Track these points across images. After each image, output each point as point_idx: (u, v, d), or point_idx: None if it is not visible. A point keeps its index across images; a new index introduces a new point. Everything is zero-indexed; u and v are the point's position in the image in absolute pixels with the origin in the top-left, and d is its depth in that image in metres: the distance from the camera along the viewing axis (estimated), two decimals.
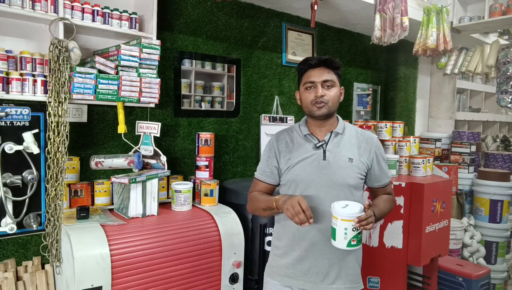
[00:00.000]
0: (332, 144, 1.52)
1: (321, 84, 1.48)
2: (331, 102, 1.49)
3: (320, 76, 1.49)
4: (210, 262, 1.96)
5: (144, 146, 2.19)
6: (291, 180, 1.52)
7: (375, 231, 2.26)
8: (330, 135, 1.53)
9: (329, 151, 1.50)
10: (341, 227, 1.31)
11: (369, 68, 3.81)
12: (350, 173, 1.49)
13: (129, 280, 1.72)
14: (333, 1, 2.77)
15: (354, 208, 1.34)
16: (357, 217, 1.30)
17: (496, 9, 3.24)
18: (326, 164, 1.48)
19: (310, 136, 1.54)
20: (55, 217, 1.80)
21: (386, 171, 1.61)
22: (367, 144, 1.55)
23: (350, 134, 1.56)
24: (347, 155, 1.50)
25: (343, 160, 1.49)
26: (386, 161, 1.64)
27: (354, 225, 1.30)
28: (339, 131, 1.54)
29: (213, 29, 2.66)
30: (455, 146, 3.82)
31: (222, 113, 2.75)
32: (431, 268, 2.48)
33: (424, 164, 2.45)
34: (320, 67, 1.50)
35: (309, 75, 1.51)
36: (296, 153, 1.53)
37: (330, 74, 1.50)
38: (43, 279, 1.90)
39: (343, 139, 1.53)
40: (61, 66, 1.78)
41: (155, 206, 2.04)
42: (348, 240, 1.31)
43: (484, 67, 3.57)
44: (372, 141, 1.57)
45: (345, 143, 1.53)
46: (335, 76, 1.52)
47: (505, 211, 3.42)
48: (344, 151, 1.51)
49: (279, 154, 1.56)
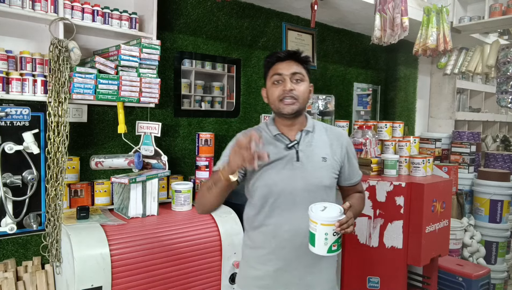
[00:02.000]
0: (304, 144, 1.43)
1: (290, 77, 1.39)
2: (301, 97, 1.40)
3: (288, 68, 1.39)
4: (210, 262, 1.96)
5: (144, 146, 2.19)
6: (263, 185, 1.39)
7: (375, 231, 2.26)
8: (301, 134, 1.44)
9: (302, 151, 1.41)
10: (321, 232, 1.20)
11: (369, 68, 3.81)
12: (325, 173, 1.41)
13: (129, 280, 1.72)
14: (333, 1, 2.77)
15: (333, 211, 1.23)
16: (338, 220, 1.19)
17: (496, 9, 3.24)
18: (300, 165, 1.39)
19: (281, 136, 1.44)
20: (55, 217, 1.80)
21: (357, 169, 1.54)
22: (338, 141, 1.48)
23: (320, 132, 1.48)
24: (320, 154, 1.42)
25: (317, 160, 1.41)
26: (356, 158, 1.56)
27: (335, 229, 1.19)
28: (310, 129, 1.46)
29: (213, 29, 2.66)
30: (455, 146, 3.82)
31: (222, 113, 2.75)
32: (431, 268, 2.48)
33: (424, 164, 2.45)
34: (288, 60, 1.41)
35: (276, 68, 1.41)
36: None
37: (299, 68, 1.41)
38: (43, 279, 1.90)
39: (314, 138, 1.45)
40: (61, 66, 1.78)
41: (155, 206, 2.04)
42: (328, 245, 1.20)
43: (484, 67, 3.57)
44: (343, 137, 1.50)
45: (317, 142, 1.45)
46: (304, 70, 1.42)
47: (505, 211, 3.42)
48: (317, 150, 1.43)
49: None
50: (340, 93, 3.57)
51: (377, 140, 2.56)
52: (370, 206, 2.27)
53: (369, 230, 2.26)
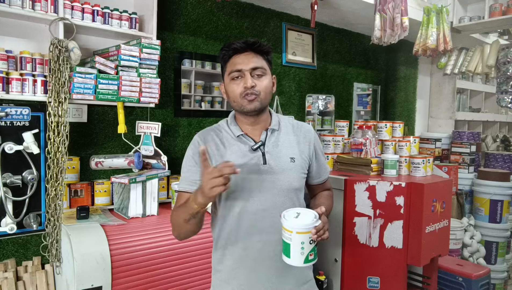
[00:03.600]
0: (271, 144, 1.31)
1: (250, 72, 1.26)
2: (264, 93, 1.27)
3: (247, 63, 1.25)
4: (210, 262, 1.96)
5: (144, 146, 2.19)
6: (228, 192, 1.24)
7: (375, 231, 2.26)
8: (266, 133, 1.32)
9: (269, 153, 1.29)
10: (297, 241, 1.09)
11: (369, 68, 3.81)
12: (294, 175, 1.30)
13: (129, 280, 1.72)
14: (333, 1, 2.77)
15: (308, 217, 1.13)
16: (314, 227, 1.09)
17: (496, 9, 3.24)
18: (268, 169, 1.27)
19: (245, 136, 1.31)
20: (55, 217, 1.80)
21: (325, 166, 1.45)
22: (305, 138, 1.37)
23: (286, 129, 1.36)
24: (288, 155, 1.31)
25: (285, 161, 1.29)
26: (324, 154, 1.46)
27: (311, 237, 1.09)
28: (275, 127, 1.34)
29: (213, 29, 2.66)
30: (455, 146, 3.82)
31: (222, 113, 2.74)
32: (431, 268, 2.48)
33: (424, 164, 2.45)
34: (246, 52, 1.27)
35: (234, 62, 1.27)
36: (230, 158, 1.26)
37: (259, 60, 1.27)
38: (43, 279, 1.90)
39: (281, 136, 1.33)
40: (61, 66, 1.78)
41: (155, 206, 2.04)
42: (305, 255, 1.10)
43: (484, 67, 3.58)
44: (310, 133, 1.39)
45: (284, 141, 1.33)
46: (265, 62, 1.30)
47: (505, 211, 3.42)
48: (285, 151, 1.31)
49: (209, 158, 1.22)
50: (340, 93, 3.57)
51: (377, 140, 2.56)
52: (370, 206, 2.27)
53: (369, 230, 2.26)
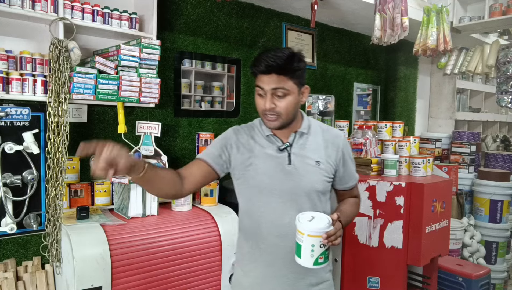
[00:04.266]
0: (297, 146, 1.36)
1: (271, 93, 1.27)
2: (285, 113, 1.29)
3: (269, 83, 1.26)
4: (210, 262, 1.96)
5: (144, 146, 2.19)
6: (252, 187, 1.34)
7: (375, 231, 2.26)
8: (294, 136, 1.37)
9: (294, 155, 1.34)
10: (308, 244, 1.15)
11: (369, 68, 3.81)
12: (318, 177, 1.34)
13: (129, 280, 1.72)
14: (333, 1, 2.77)
15: (321, 221, 1.18)
16: (326, 232, 1.14)
17: (496, 9, 3.24)
18: (292, 169, 1.33)
19: (273, 137, 1.37)
20: (55, 217, 1.80)
21: (353, 173, 1.47)
22: (333, 144, 1.40)
23: (316, 133, 1.40)
24: (314, 158, 1.35)
25: (309, 163, 1.34)
26: (354, 161, 1.49)
27: (322, 241, 1.14)
28: (304, 130, 1.38)
29: (213, 29, 2.66)
30: (455, 146, 3.82)
31: (222, 113, 2.75)
32: (431, 268, 2.48)
33: (424, 164, 2.45)
34: (270, 74, 1.26)
35: (260, 79, 1.29)
36: (258, 154, 1.35)
37: (282, 81, 1.26)
38: (43, 279, 1.90)
39: (309, 140, 1.38)
40: (61, 66, 1.78)
41: (155, 206, 2.04)
42: (315, 258, 1.16)
43: (484, 67, 3.58)
44: (339, 139, 1.42)
45: (311, 144, 1.37)
46: (291, 81, 1.27)
47: (505, 211, 3.42)
48: (311, 154, 1.36)
49: (236, 147, 1.37)
50: (340, 93, 3.57)
51: (377, 140, 2.56)
52: (370, 206, 2.27)
53: (369, 230, 2.26)
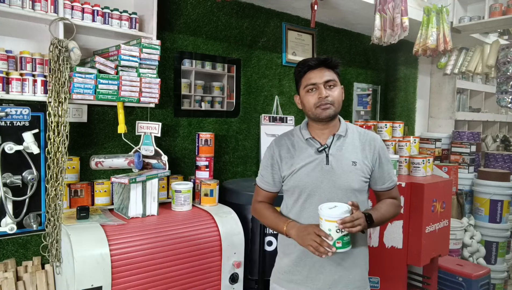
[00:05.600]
0: (335, 148, 1.47)
1: (324, 84, 1.43)
2: (336, 102, 1.45)
3: (321, 76, 1.44)
4: (210, 262, 1.96)
5: (144, 146, 2.19)
6: (294, 186, 1.48)
7: (375, 231, 2.26)
8: (332, 138, 1.49)
9: (332, 155, 1.46)
10: (325, 228, 1.28)
11: (369, 68, 3.81)
12: (354, 177, 1.45)
13: (129, 280, 1.72)
14: (333, 1, 2.77)
15: (340, 209, 1.30)
16: (341, 218, 1.26)
17: (496, 9, 3.24)
18: (330, 169, 1.44)
19: (312, 140, 1.50)
20: (55, 217, 1.80)
21: (390, 174, 1.55)
22: (370, 146, 1.51)
23: (353, 136, 1.52)
24: (350, 159, 1.46)
25: (346, 163, 1.45)
26: (391, 163, 1.58)
27: (338, 227, 1.26)
28: (342, 133, 1.50)
29: (213, 29, 2.66)
30: (455, 146, 3.82)
31: (222, 113, 2.75)
32: (431, 268, 2.48)
33: (424, 164, 2.45)
34: (320, 67, 1.45)
35: (309, 77, 1.46)
36: (298, 158, 1.49)
37: (331, 74, 1.45)
38: (43, 279, 1.90)
39: (346, 142, 1.49)
40: (61, 66, 1.78)
41: (155, 206, 2.04)
42: (332, 241, 1.28)
43: (484, 67, 3.58)
44: (376, 142, 1.53)
45: (348, 146, 1.49)
46: (336, 75, 1.47)
47: (505, 211, 3.43)
48: (348, 155, 1.47)
49: (280, 161, 1.52)
50: None
51: None
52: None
53: (369, 230, 2.26)
